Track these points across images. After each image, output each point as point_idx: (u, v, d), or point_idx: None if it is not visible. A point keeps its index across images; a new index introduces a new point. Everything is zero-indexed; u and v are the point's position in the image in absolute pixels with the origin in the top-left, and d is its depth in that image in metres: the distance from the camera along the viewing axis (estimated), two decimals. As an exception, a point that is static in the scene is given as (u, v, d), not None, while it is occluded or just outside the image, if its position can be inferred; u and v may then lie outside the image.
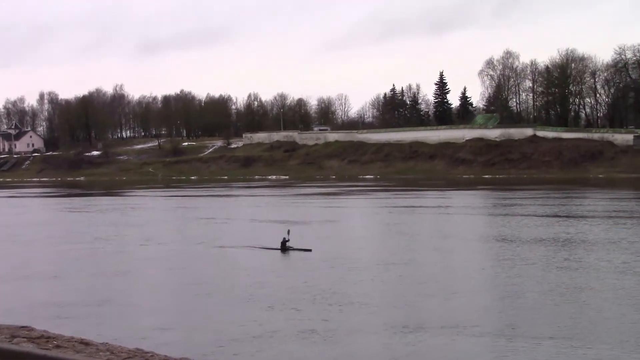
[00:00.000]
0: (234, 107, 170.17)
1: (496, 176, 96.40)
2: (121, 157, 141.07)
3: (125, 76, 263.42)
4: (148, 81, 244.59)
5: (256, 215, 45.45)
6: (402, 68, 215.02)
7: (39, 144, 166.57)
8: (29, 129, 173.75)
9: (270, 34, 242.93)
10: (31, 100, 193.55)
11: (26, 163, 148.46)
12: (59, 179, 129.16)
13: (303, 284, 21.07)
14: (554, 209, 44.96)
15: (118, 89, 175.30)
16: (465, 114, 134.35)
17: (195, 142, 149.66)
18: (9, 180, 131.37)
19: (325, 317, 16.90)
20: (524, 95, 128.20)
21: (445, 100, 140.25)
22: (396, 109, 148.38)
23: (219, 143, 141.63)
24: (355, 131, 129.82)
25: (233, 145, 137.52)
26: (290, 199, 63.38)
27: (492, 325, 15.96)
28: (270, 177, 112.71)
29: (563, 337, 14.76)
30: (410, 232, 34.46)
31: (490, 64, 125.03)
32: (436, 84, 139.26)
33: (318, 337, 15.24)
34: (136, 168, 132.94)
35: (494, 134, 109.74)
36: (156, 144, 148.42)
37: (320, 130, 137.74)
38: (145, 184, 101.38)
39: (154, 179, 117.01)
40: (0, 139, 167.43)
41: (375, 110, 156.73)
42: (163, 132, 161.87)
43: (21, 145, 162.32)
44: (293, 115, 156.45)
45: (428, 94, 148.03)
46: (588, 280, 20.96)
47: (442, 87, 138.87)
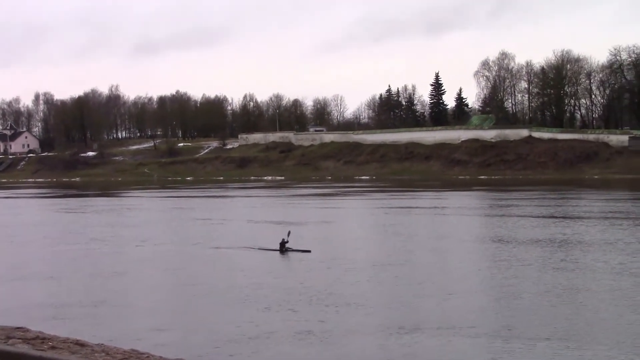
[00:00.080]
0: (229, 108, 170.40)
1: (492, 177, 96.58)
2: (117, 158, 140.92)
3: (120, 77, 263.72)
4: (143, 82, 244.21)
5: (252, 216, 45.42)
6: (398, 69, 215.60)
7: (35, 144, 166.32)
8: (25, 129, 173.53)
9: (266, 34, 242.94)
10: (26, 101, 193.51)
11: (21, 164, 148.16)
12: (55, 179, 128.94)
13: (300, 285, 21.04)
14: (550, 210, 45.02)
15: (113, 89, 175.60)
16: (461, 114, 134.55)
17: (190, 143, 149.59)
18: (4, 181, 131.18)
19: (321, 318, 16.88)
20: (519, 96, 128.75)
21: (441, 101, 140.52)
22: (392, 109, 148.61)
23: (214, 144, 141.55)
24: (351, 132, 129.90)
25: (229, 146, 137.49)
26: (286, 200, 63.38)
27: (489, 326, 15.95)
28: (266, 178, 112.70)
29: (559, 338, 14.76)
30: (407, 233, 34.45)
31: (485, 65, 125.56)
32: (432, 85, 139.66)
33: (314, 338, 15.22)
34: (132, 169, 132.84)
35: (489, 134, 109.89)
36: (152, 144, 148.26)
37: (316, 131, 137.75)
38: (141, 185, 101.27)
39: (149, 180, 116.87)
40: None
41: (371, 111, 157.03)
42: (159, 133, 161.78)
43: (16, 146, 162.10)
44: (289, 116, 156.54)
45: (424, 95, 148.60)
46: (584, 281, 20.97)
47: (438, 88, 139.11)
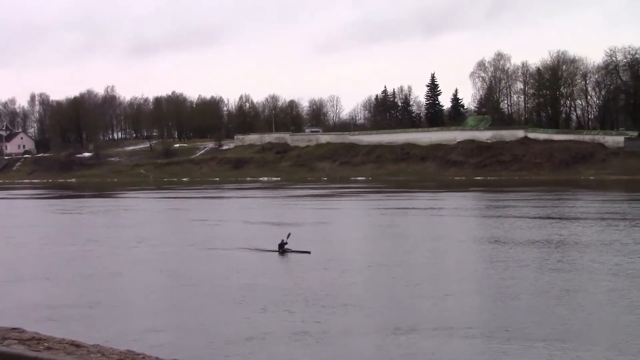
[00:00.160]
0: (225, 109, 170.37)
1: (487, 178, 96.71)
2: (112, 159, 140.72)
3: (116, 77, 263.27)
4: (139, 82, 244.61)
5: (249, 217, 45.35)
6: (394, 70, 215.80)
7: (30, 145, 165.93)
8: (20, 130, 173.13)
9: (262, 35, 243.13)
10: (22, 102, 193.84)
11: (17, 164, 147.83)
12: (50, 180, 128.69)
13: (296, 286, 21.00)
14: (547, 211, 45.05)
15: (109, 90, 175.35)
16: (457, 115, 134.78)
17: (186, 144, 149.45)
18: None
19: (318, 319, 16.84)
20: (515, 97, 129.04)
21: (437, 102, 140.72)
22: (388, 110, 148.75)
23: (210, 145, 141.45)
24: (347, 133, 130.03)
25: (224, 147, 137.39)
26: (282, 201, 63.33)
27: (485, 327, 15.92)
28: (261, 179, 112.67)
29: (556, 339, 14.74)
30: (403, 234, 34.46)
31: (481, 65, 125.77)
32: (428, 86, 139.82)
33: (311, 339, 15.18)
34: (127, 169, 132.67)
35: (485, 135, 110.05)
36: (148, 145, 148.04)
37: (312, 132, 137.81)
38: (137, 186, 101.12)
39: (145, 181, 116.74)
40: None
41: (366, 112, 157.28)
42: (154, 134, 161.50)
43: (12, 147, 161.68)
44: (285, 116, 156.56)
45: (420, 96, 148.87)
46: (581, 282, 20.97)
47: (434, 89, 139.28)
